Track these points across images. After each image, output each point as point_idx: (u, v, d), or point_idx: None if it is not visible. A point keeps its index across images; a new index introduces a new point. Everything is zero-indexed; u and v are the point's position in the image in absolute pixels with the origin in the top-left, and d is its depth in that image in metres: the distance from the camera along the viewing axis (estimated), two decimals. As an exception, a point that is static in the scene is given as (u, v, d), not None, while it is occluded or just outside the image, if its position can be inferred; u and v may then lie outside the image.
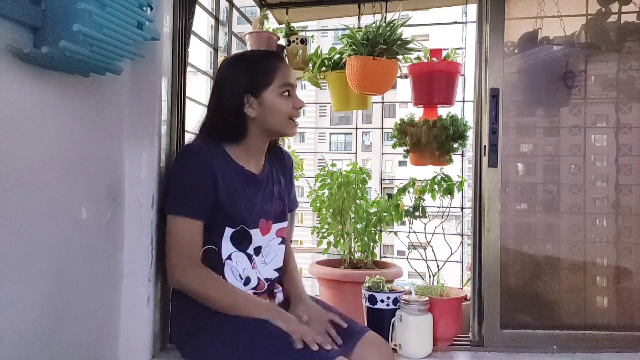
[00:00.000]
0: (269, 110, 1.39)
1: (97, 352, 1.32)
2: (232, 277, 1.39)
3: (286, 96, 1.41)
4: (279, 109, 1.39)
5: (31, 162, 1.06)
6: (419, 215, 2.11)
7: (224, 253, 1.39)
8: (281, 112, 1.40)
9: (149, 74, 1.46)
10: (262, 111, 1.39)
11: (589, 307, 1.85)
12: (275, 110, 1.39)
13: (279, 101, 1.39)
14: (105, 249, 1.35)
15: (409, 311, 1.64)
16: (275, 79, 1.39)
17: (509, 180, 1.83)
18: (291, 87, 1.42)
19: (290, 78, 1.42)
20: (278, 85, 1.39)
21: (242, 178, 1.42)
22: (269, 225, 1.47)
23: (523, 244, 1.85)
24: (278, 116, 1.40)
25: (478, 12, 1.81)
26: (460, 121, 2.18)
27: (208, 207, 1.35)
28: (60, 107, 1.15)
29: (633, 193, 1.85)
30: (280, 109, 1.39)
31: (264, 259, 1.46)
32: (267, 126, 1.41)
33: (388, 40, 2.04)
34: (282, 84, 1.40)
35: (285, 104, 1.40)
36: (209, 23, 2.30)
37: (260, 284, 1.44)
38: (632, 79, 1.87)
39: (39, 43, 1.03)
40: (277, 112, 1.39)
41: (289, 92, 1.41)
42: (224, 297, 1.31)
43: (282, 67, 1.42)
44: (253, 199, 1.43)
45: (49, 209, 1.12)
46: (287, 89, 1.40)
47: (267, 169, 1.51)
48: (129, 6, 1.12)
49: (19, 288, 1.03)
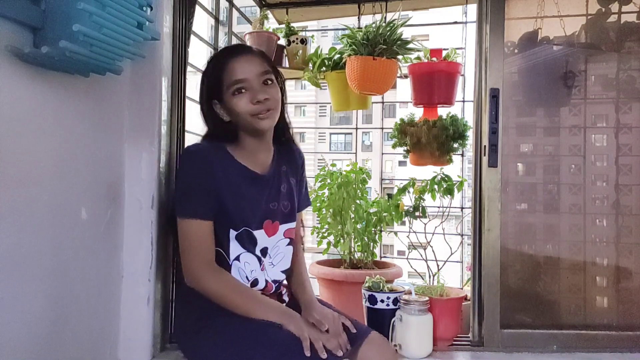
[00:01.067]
0: (233, 112, 1.34)
1: (97, 352, 1.32)
2: (239, 278, 1.37)
3: (238, 94, 1.32)
4: (237, 109, 1.33)
5: (31, 162, 1.06)
6: (419, 215, 2.11)
7: (231, 254, 1.37)
8: (241, 112, 1.33)
9: (149, 74, 1.46)
10: (231, 114, 1.36)
11: (589, 307, 1.85)
12: (235, 111, 1.33)
13: (234, 101, 1.32)
14: (105, 249, 1.35)
15: (409, 311, 1.64)
16: (223, 81, 1.33)
17: (509, 180, 1.83)
18: (242, 82, 1.32)
19: (237, 73, 1.32)
20: (227, 86, 1.33)
21: (245, 178, 1.39)
22: (275, 226, 1.45)
23: (523, 244, 1.85)
24: (240, 117, 1.34)
25: (478, 12, 1.81)
26: (460, 121, 2.18)
27: (214, 206, 1.34)
28: (60, 107, 1.15)
29: (633, 193, 1.85)
30: (239, 109, 1.33)
31: (272, 261, 1.44)
32: (240, 127, 1.37)
33: (388, 40, 2.04)
34: (229, 83, 1.32)
35: (239, 103, 1.32)
36: (209, 23, 2.30)
37: (268, 286, 1.42)
38: (632, 79, 1.87)
39: (39, 43, 1.03)
40: (237, 113, 1.33)
41: (239, 90, 1.32)
42: (238, 299, 1.30)
43: (227, 65, 1.33)
44: (257, 199, 1.41)
45: (48, 209, 1.12)
46: (237, 86, 1.31)
47: (275, 168, 1.47)
48: (129, 6, 1.12)
49: (19, 288, 1.03)
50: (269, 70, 1.36)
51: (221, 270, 1.33)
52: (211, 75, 1.36)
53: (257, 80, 1.33)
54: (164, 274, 1.56)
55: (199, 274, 1.31)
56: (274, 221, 1.44)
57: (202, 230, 1.32)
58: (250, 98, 1.32)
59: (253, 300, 1.31)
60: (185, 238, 1.33)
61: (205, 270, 1.31)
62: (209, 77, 1.37)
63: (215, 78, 1.34)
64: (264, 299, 1.35)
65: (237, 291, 1.32)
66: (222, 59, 1.35)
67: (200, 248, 1.32)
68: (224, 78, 1.33)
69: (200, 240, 1.32)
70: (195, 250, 1.32)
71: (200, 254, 1.32)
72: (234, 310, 1.29)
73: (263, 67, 1.35)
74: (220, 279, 1.31)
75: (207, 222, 1.33)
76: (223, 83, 1.33)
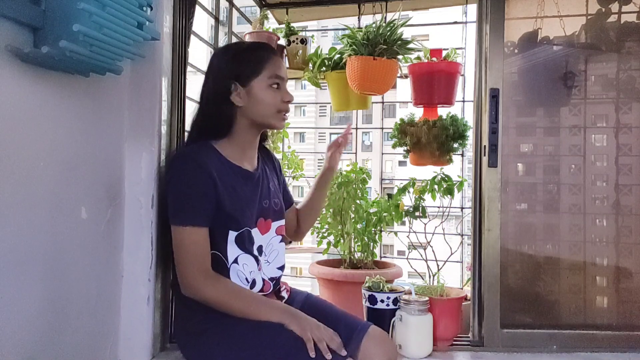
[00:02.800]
0: (257, 100, 1.36)
1: (97, 352, 1.32)
2: (238, 281, 1.37)
3: (275, 88, 1.37)
4: (267, 100, 1.36)
5: (31, 162, 1.06)
6: (419, 215, 2.10)
7: (229, 257, 1.36)
8: (269, 104, 1.37)
9: (149, 74, 1.46)
10: (250, 101, 1.36)
11: (589, 307, 1.85)
12: (263, 101, 1.36)
13: (267, 92, 1.36)
14: (105, 249, 1.34)
15: (409, 311, 1.64)
16: (265, 70, 1.36)
17: (509, 180, 1.83)
18: (281, 79, 1.38)
19: (281, 70, 1.38)
20: (267, 76, 1.36)
21: (238, 177, 1.39)
22: (267, 223, 1.45)
23: (523, 244, 1.85)
24: (265, 108, 1.37)
25: (478, 12, 1.81)
26: (460, 121, 2.18)
27: (211, 212, 1.32)
28: (60, 107, 1.15)
29: (633, 193, 1.85)
30: (269, 100, 1.36)
31: (267, 258, 1.45)
32: (254, 117, 1.38)
33: (388, 40, 2.04)
34: (271, 75, 1.36)
35: (273, 96, 1.37)
36: (209, 23, 2.30)
37: (266, 286, 1.42)
38: (632, 79, 1.87)
39: (39, 43, 1.03)
40: (264, 104, 1.36)
41: (278, 85, 1.38)
42: (239, 303, 1.28)
43: (273, 59, 1.39)
44: (252, 197, 1.41)
45: (49, 209, 1.12)
46: (277, 81, 1.37)
47: (261, 166, 1.49)
48: (129, 6, 1.12)
49: (19, 288, 1.03)
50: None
51: (218, 277, 1.31)
52: (251, 58, 1.38)
53: (286, 83, 1.42)
54: (164, 274, 1.56)
55: (196, 284, 1.29)
56: (267, 219, 1.45)
57: (198, 238, 1.30)
58: (283, 96, 1.38)
59: (253, 302, 1.30)
60: (180, 246, 1.31)
61: (203, 280, 1.29)
62: (247, 58, 1.38)
63: (256, 63, 1.37)
64: (263, 299, 1.35)
65: (236, 296, 1.30)
66: (267, 51, 1.41)
67: (195, 256, 1.30)
68: (267, 67, 1.37)
69: (195, 248, 1.30)
70: (190, 259, 1.30)
71: (196, 262, 1.29)
72: (236, 315, 1.27)
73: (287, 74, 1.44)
74: (217, 287, 1.29)
75: (203, 229, 1.31)
76: (263, 71, 1.36)
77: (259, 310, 1.28)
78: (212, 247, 1.35)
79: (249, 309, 1.28)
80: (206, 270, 1.30)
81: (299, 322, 1.24)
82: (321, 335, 1.21)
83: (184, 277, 1.31)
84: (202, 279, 1.29)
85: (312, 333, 1.21)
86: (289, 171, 2.61)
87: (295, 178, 2.66)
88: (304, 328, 1.22)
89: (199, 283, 1.29)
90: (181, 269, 1.31)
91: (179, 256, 1.31)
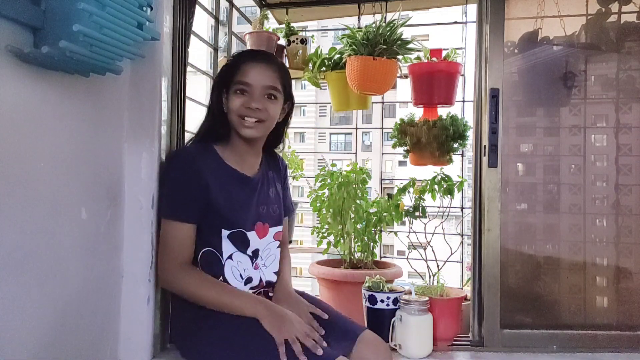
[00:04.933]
0: (228, 107, 1.42)
1: (97, 352, 1.32)
2: (232, 277, 1.39)
3: (239, 94, 1.39)
4: (230, 106, 1.40)
5: (31, 162, 1.06)
6: (419, 215, 2.10)
7: (224, 253, 1.39)
8: (231, 110, 1.40)
9: (149, 74, 1.46)
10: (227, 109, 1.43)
11: (589, 307, 1.85)
12: (229, 108, 1.41)
13: (232, 98, 1.40)
14: (105, 249, 1.34)
15: (409, 311, 1.64)
16: (235, 76, 1.40)
17: (509, 180, 1.83)
18: (246, 85, 1.38)
19: (248, 77, 1.38)
20: (234, 82, 1.40)
21: (234, 180, 1.42)
22: (265, 228, 1.47)
23: (523, 244, 1.85)
24: (230, 114, 1.41)
25: (478, 12, 1.81)
26: (460, 121, 2.18)
27: (199, 209, 1.35)
28: (60, 107, 1.15)
29: (633, 193, 1.85)
30: (231, 106, 1.40)
31: (264, 262, 1.46)
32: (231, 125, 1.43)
33: (388, 40, 2.04)
34: (237, 81, 1.39)
35: (235, 101, 1.39)
36: (209, 23, 2.29)
37: (261, 284, 1.44)
38: (632, 79, 1.87)
39: (39, 43, 1.03)
40: (230, 110, 1.41)
41: (242, 91, 1.39)
42: (210, 293, 1.31)
43: (245, 66, 1.40)
44: (248, 201, 1.43)
45: (49, 209, 1.12)
46: (240, 87, 1.39)
47: (263, 172, 1.51)
48: (129, 6, 1.12)
49: (19, 288, 1.03)
50: (277, 88, 1.41)
51: (191, 269, 1.34)
52: (228, 68, 1.43)
53: (260, 91, 1.39)
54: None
55: (168, 275, 1.34)
56: (265, 223, 1.46)
57: (180, 233, 1.34)
58: (245, 102, 1.38)
59: (224, 292, 1.32)
60: (162, 238, 1.36)
61: (176, 272, 1.33)
62: (226, 67, 1.44)
63: (229, 71, 1.42)
64: (237, 291, 1.36)
65: (206, 285, 1.32)
66: (242, 58, 1.44)
67: (173, 250, 1.33)
68: (237, 74, 1.40)
69: (176, 242, 1.33)
70: (168, 251, 1.34)
71: (173, 255, 1.33)
72: (209, 306, 1.29)
73: (272, 82, 1.40)
74: (188, 278, 1.32)
75: (188, 225, 1.35)
76: (234, 77, 1.40)
77: (232, 301, 1.29)
78: (206, 244, 1.38)
79: (221, 300, 1.29)
80: (181, 263, 1.34)
81: (272, 318, 1.24)
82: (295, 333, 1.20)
83: (160, 269, 1.37)
84: (175, 271, 1.33)
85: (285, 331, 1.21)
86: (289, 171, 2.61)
87: (295, 178, 2.66)
88: (277, 327, 1.22)
89: (171, 275, 1.33)
90: (159, 260, 1.37)
91: (160, 247, 1.37)
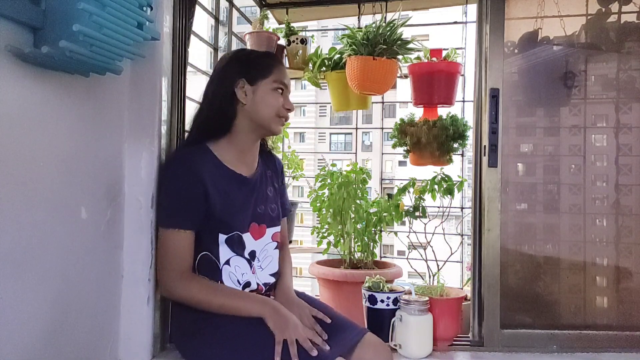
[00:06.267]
0: (260, 100, 1.39)
1: (97, 352, 1.32)
2: (230, 282, 1.38)
3: (279, 93, 1.42)
4: (270, 102, 1.40)
5: (31, 162, 1.06)
6: (419, 215, 2.10)
7: (221, 258, 1.38)
8: (271, 106, 1.40)
9: (149, 74, 1.46)
10: (254, 101, 1.39)
11: (589, 307, 1.85)
12: (266, 102, 1.40)
13: (271, 95, 1.40)
14: (105, 249, 1.34)
15: (409, 311, 1.64)
16: (272, 74, 1.41)
17: (509, 180, 1.83)
18: (285, 87, 1.43)
19: (286, 79, 1.44)
20: (273, 80, 1.40)
21: (232, 182, 1.40)
22: (261, 229, 1.46)
23: (523, 244, 1.85)
24: (267, 109, 1.40)
25: (478, 12, 1.81)
26: (460, 121, 2.18)
27: (198, 217, 1.34)
28: (61, 107, 1.15)
29: (633, 193, 1.85)
30: (271, 102, 1.40)
31: (261, 264, 1.45)
32: (255, 117, 1.40)
33: (388, 40, 2.03)
34: (278, 80, 1.41)
35: (276, 100, 1.41)
36: (209, 23, 2.29)
37: (259, 288, 1.44)
38: (632, 79, 1.87)
39: (39, 43, 1.03)
40: (267, 105, 1.40)
41: (282, 91, 1.42)
42: (216, 299, 1.30)
43: (280, 67, 1.45)
44: (245, 202, 1.42)
45: (49, 209, 1.12)
46: (281, 86, 1.42)
47: (261, 172, 1.50)
48: (129, 6, 1.12)
49: (19, 288, 1.03)
50: None
51: (192, 277, 1.33)
52: (261, 62, 1.43)
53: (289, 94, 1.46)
54: (164, 274, 1.56)
55: (170, 285, 1.33)
56: (261, 224, 1.45)
57: (180, 241, 1.33)
58: (285, 102, 1.42)
59: (231, 296, 1.31)
60: (161, 247, 1.35)
61: (176, 281, 1.32)
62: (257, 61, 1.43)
63: (266, 66, 1.41)
64: (242, 293, 1.36)
65: (212, 292, 1.31)
66: (276, 60, 1.48)
67: (174, 258, 1.32)
68: (275, 72, 1.41)
69: (175, 250, 1.32)
70: (169, 260, 1.33)
71: (174, 264, 1.32)
72: (216, 311, 1.29)
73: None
74: (189, 287, 1.31)
75: (187, 232, 1.33)
76: (271, 75, 1.40)
77: (238, 304, 1.29)
78: (203, 249, 1.37)
79: (228, 304, 1.29)
80: (182, 272, 1.32)
81: (278, 319, 1.25)
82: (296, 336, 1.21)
83: (160, 277, 1.36)
84: (176, 280, 1.32)
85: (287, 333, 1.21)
86: (289, 171, 2.61)
87: (295, 178, 2.66)
88: (280, 328, 1.22)
89: (172, 284, 1.32)
90: (159, 269, 1.36)
91: (159, 257, 1.36)
